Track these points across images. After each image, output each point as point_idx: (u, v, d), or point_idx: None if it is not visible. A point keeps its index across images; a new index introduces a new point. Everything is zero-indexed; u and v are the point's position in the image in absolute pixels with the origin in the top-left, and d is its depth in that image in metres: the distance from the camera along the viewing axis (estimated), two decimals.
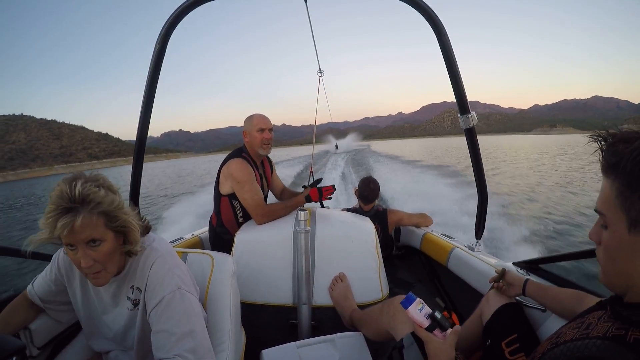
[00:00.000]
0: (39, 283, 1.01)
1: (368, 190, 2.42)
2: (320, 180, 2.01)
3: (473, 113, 1.49)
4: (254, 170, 1.80)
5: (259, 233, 1.65)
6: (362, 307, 1.40)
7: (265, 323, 1.51)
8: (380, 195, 2.73)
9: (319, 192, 1.84)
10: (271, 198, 2.21)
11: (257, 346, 1.24)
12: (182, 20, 1.36)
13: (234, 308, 1.12)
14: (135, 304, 0.92)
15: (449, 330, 0.85)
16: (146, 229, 0.97)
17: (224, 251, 1.28)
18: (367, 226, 1.70)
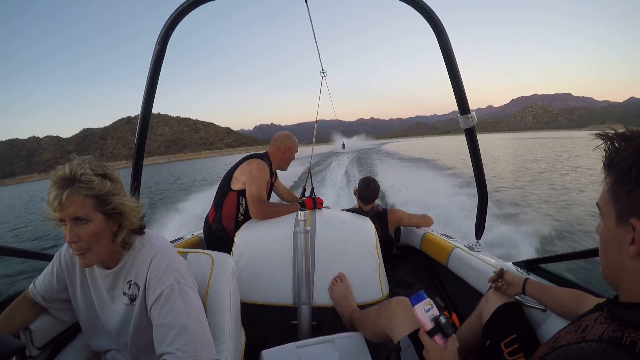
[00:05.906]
0: (41, 282, 1.01)
1: (368, 191, 2.41)
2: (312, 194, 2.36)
3: (473, 113, 1.51)
4: (269, 175, 1.98)
5: (259, 233, 1.65)
6: (362, 307, 1.40)
7: (265, 323, 1.51)
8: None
9: (313, 202, 1.97)
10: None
11: (257, 346, 1.24)
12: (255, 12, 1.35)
13: (234, 308, 1.12)
14: (133, 299, 0.93)
15: (451, 337, 0.82)
16: (140, 228, 0.96)
17: (218, 249, 1.29)
18: (367, 226, 1.70)
